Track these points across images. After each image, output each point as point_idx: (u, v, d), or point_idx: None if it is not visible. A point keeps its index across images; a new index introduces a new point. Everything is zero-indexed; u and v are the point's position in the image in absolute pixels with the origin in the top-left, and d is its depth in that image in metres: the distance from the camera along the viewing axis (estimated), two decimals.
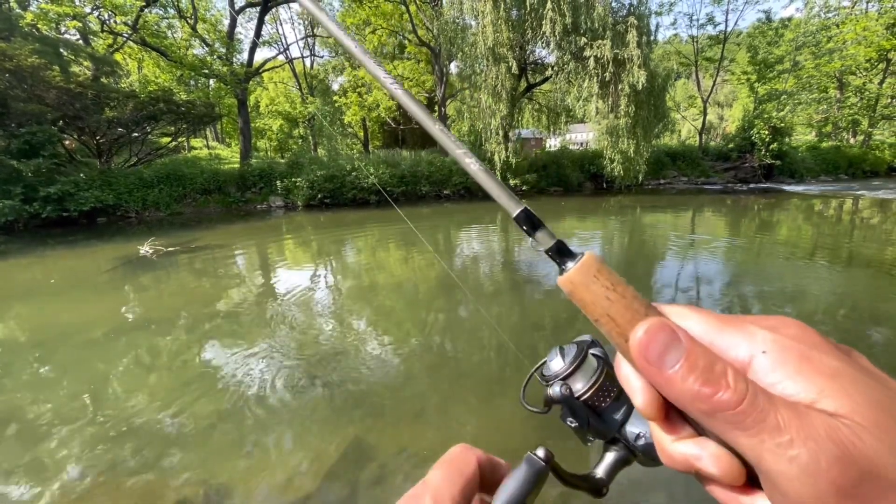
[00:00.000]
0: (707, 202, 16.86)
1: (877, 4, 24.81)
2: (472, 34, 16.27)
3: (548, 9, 14.26)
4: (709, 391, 0.22)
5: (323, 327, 5.19)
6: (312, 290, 6.79)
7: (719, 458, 0.24)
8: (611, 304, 0.27)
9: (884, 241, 9.55)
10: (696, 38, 26.26)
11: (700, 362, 0.23)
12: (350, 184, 16.53)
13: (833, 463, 0.19)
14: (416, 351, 4.51)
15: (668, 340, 0.24)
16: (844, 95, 26.81)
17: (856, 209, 14.75)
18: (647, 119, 16.22)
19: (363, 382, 3.84)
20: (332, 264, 8.92)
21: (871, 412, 0.19)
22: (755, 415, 0.21)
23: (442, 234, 12.16)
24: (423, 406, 3.45)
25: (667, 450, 0.26)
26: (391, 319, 5.47)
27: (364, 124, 38.41)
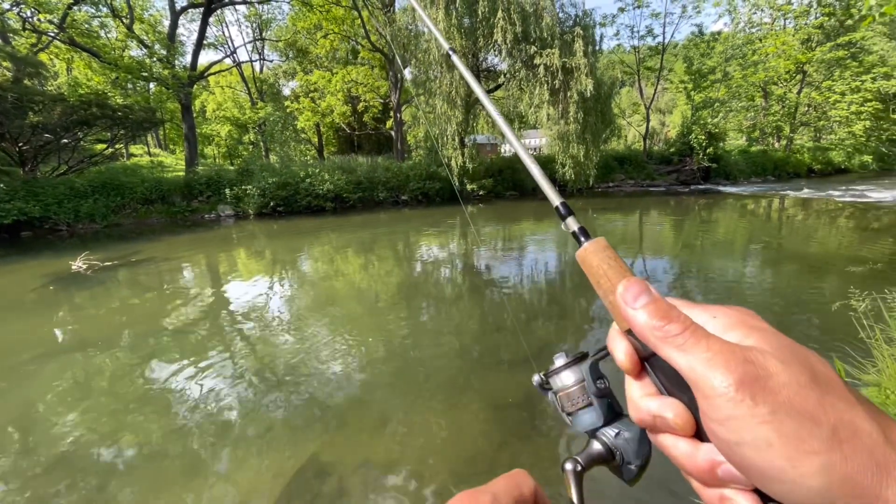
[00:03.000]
0: (653, 203, 17.80)
1: (793, 21, 27.32)
2: (425, 41, 16.37)
3: (499, 18, 14.62)
4: (662, 323, 0.30)
5: (279, 340, 5.02)
6: (268, 302, 6.56)
7: (674, 406, 0.31)
8: (609, 268, 0.36)
9: (806, 237, 10.47)
10: (638, 48, 27.79)
11: (661, 305, 0.31)
12: (304, 191, 16.11)
13: (738, 365, 0.26)
14: (378, 358, 4.45)
15: (643, 289, 0.32)
16: (769, 103, 29.22)
17: (782, 208, 16.05)
18: (596, 125, 16.95)
19: (322, 394, 3.75)
20: (287, 274, 8.64)
21: (776, 346, 0.27)
22: (691, 340, 0.28)
23: (402, 240, 12.09)
24: (386, 415, 3.40)
25: (637, 402, 0.33)
26: (351, 328, 5.36)
27: (318, 130, 37.59)
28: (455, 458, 2.85)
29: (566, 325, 5.53)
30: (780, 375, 0.25)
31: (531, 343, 4.85)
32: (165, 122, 29.51)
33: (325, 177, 16.54)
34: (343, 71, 32.06)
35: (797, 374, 0.26)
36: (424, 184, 18.37)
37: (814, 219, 13.20)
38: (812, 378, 0.26)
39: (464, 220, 15.45)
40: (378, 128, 36.31)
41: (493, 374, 4.07)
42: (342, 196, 16.84)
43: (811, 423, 0.24)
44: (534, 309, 6.07)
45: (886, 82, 25.85)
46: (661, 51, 27.21)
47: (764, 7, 27.62)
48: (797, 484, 0.24)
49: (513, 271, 8.20)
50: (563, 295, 6.97)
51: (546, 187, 0.44)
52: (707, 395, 0.26)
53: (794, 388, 0.25)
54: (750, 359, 0.26)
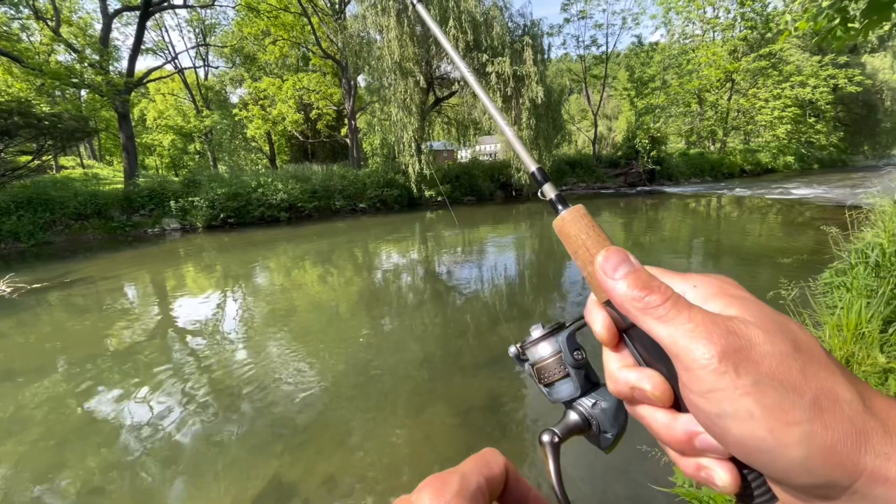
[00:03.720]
0: (604, 205, 18.56)
1: (721, 34, 29.54)
2: (378, 48, 16.33)
3: (450, 26, 14.82)
4: (643, 293, 0.29)
5: (234, 357, 4.80)
6: (221, 318, 6.26)
7: (653, 377, 0.30)
8: (587, 237, 0.34)
9: (742, 232, 11.27)
10: (584, 57, 29.05)
11: (641, 275, 0.30)
12: (257, 201, 15.55)
13: (721, 336, 0.25)
14: (340, 370, 4.34)
15: (623, 258, 0.31)
16: (703, 109, 31.37)
17: (720, 206, 17.21)
18: (547, 131, 17.52)
19: (283, 412, 3.61)
20: (241, 288, 8.27)
21: (758, 316, 0.27)
22: (673, 311, 0.28)
23: (361, 248, 11.92)
24: (349, 429, 3.32)
25: (614, 374, 0.33)
26: (311, 340, 5.22)
27: (269, 138, 36.43)
28: (424, 468, 2.82)
29: (530, 322, 5.60)
30: (763, 345, 0.25)
31: (496, 339, 4.92)
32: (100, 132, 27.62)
33: (279, 186, 16.05)
34: (294, 78, 31.28)
35: (780, 343, 0.25)
36: (382, 191, 18.23)
37: (747, 215, 14.25)
38: (794, 347, 0.25)
39: (423, 225, 15.47)
40: (333, 135, 35.69)
41: (457, 378, 4.06)
42: (297, 205, 16.40)
43: (793, 393, 0.24)
44: (492, 312, 6.11)
45: (802, 90, 28.46)
46: (604, 60, 28.59)
47: (695, 20, 29.72)
48: (778, 454, 0.24)
49: (474, 274, 8.28)
50: (525, 294, 7.10)
51: (522, 152, 0.42)
52: (689, 366, 0.26)
53: (776, 358, 0.25)
54: (732, 329, 0.26)
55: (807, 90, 28.46)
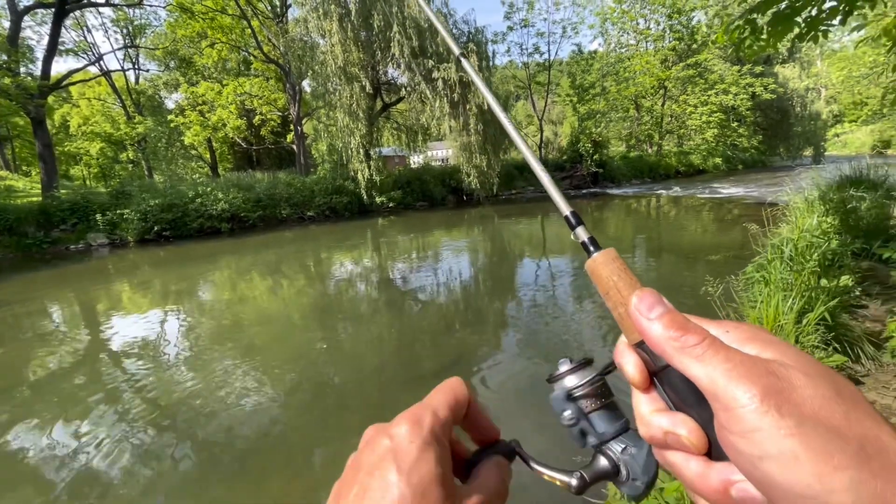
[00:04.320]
0: (551, 208, 18.91)
1: (652, 44, 31.50)
2: (321, 53, 15.97)
3: (394, 32, 14.77)
4: (679, 333, 0.29)
5: (176, 377, 4.50)
6: (160, 339, 5.82)
7: (687, 422, 0.30)
8: (619, 279, 0.35)
9: (680, 231, 11.99)
10: (528, 64, 29.94)
11: (676, 317, 0.30)
12: (195, 212, 14.66)
13: (762, 376, 0.25)
14: (292, 387, 4.15)
15: (657, 299, 0.32)
16: (640, 114, 33.24)
17: (658, 205, 18.24)
18: (496, 136, 17.83)
19: (230, 434, 3.39)
20: (182, 305, 7.76)
21: (797, 360, 0.27)
22: (710, 351, 0.27)
23: (311, 258, 11.55)
24: (295, 450, 3.16)
25: (646, 418, 0.33)
26: (260, 356, 4.97)
27: (210, 145, 34.64)
28: None
29: (490, 327, 5.63)
30: (805, 388, 0.25)
31: (454, 344, 4.87)
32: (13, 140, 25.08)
33: (219, 196, 15.24)
34: (234, 83, 29.97)
35: (822, 386, 0.25)
36: (331, 198, 17.78)
37: (683, 214, 15.19)
38: (837, 392, 0.25)
39: (375, 232, 15.23)
40: (279, 142, 34.50)
41: (416, 389, 3.98)
42: (240, 216, 15.63)
43: (838, 437, 0.23)
44: (450, 318, 6.10)
45: (725, 97, 30.88)
46: (547, 67, 29.61)
47: (629, 31, 31.50)
48: (824, 501, 0.22)
49: (430, 280, 8.23)
50: (481, 297, 7.14)
51: (556, 196, 0.43)
52: (729, 406, 0.25)
53: (819, 401, 0.24)
54: (772, 370, 0.25)
55: (729, 97, 30.92)
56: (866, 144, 42.15)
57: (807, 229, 3.65)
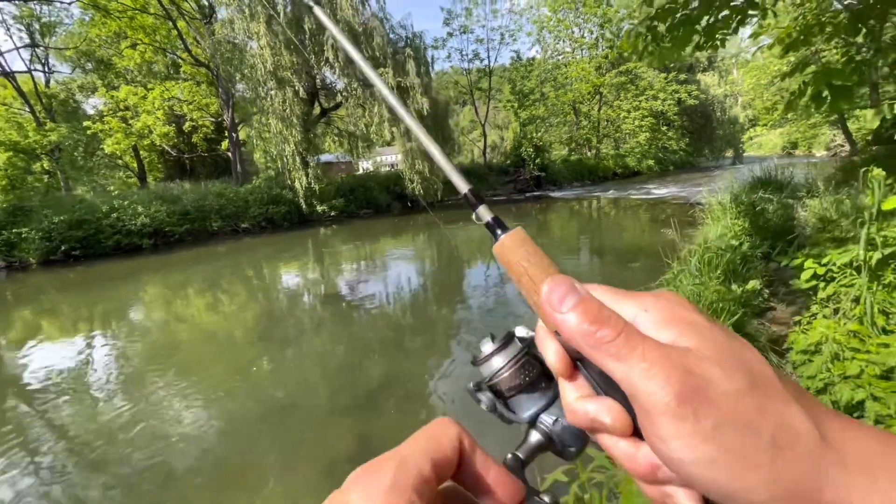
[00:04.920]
0: (497, 211, 18.88)
1: (587, 51, 32.89)
2: (250, 56, 15.15)
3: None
4: (594, 328, 0.27)
5: (104, 407, 4.13)
6: (79, 367, 5.28)
7: (612, 408, 0.29)
8: (530, 265, 0.33)
9: (616, 231, 12.42)
10: (469, 70, 30.24)
11: (591, 306, 0.28)
12: (110, 228, 13.36)
13: (679, 377, 0.24)
14: (231, 411, 3.88)
15: (568, 288, 0.29)
16: (579, 119, 34.56)
17: (598, 207, 18.92)
18: (437, 142, 17.64)
19: (168, 465, 3.14)
20: (96, 331, 7.03)
21: (714, 348, 0.26)
22: (626, 347, 0.26)
23: (247, 272, 10.91)
24: (248, 472, 2.98)
25: (572, 405, 0.31)
26: (193, 382, 4.62)
27: (137, 154, 32.06)
28: None
29: (441, 335, 5.58)
30: (721, 384, 0.24)
31: (403, 355, 4.72)
32: None
33: (139, 209, 14.00)
34: (161, 87, 27.98)
35: (737, 380, 0.25)
36: (267, 208, 16.89)
37: (620, 215, 15.82)
38: (751, 382, 0.25)
39: (316, 243, 14.63)
40: (214, 149, 32.58)
41: (365, 407, 3.79)
42: (164, 230, 14.44)
43: (753, 434, 0.23)
44: (397, 329, 5.98)
45: (655, 102, 32.79)
46: (488, 73, 30.05)
47: (564, 39, 32.69)
48: (741, 497, 0.23)
49: (377, 290, 8.04)
50: (429, 305, 7.07)
51: (451, 172, 0.40)
52: (647, 409, 0.25)
53: (734, 397, 0.24)
54: (689, 367, 0.25)
55: (658, 102, 32.91)
56: (777, 146, 46.35)
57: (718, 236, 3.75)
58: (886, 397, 1.54)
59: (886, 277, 2.00)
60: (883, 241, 2.02)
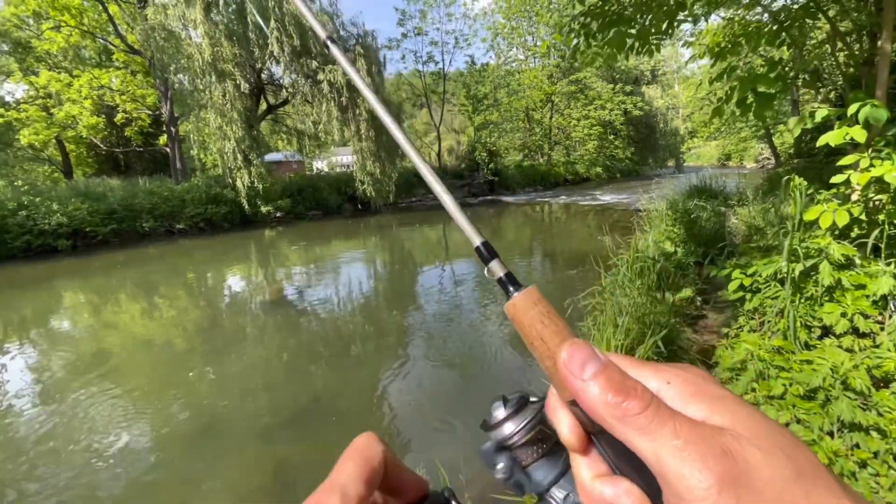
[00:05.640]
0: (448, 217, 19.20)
1: (539, 60, 33.69)
2: (186, 45, 14.14)
3: (272, 27, 13.60)
4: (619, 399, 0.25)
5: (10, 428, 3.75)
6: None
7: (631, 492, 0.27)
8: (544, 327, 0.31)
9: (567, 234, 12.65)
10: (423, 73, 30.08)
11: (614, 374, 0.27)
12: (18, 227, 11.95)
13: (717, 459, 0.22)
14: (153, 428, 3.66)
15: (588, 355, 0.28)
16: (531, 126, 35.32)
17: (551, 211, 19.31)
18: (389, 143, 17.36)
19: (92, 486, 2.92)
20: (6, 342, 6.24)
21: (749, 425, 0.24)
22: (656, 421, 0.24)
23: (179, 277, 10.11)
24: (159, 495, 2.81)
25: (586, 485, 0.29)
26: (114, 395, 4.31)
27: (62, 147, 29.25)
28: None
29: (392, 339, 5.49)
30: (763, 469, 0.22)
31: (352, 362, 4.58)
32: None
33: (54, 207, 12.65)
34: (90, 75, 25.71)
35: (781, 466, 0.22)
36: (206, 208, 15.82)
37: (570, 219, 16.20)
38: (796, 470, 0.22)
39: (260, 245, 13.85)
40: (151, 144, 30.38)
41: (310, 419, 3.70)
42: (85, 230, 13.14)
43: None
44: (353, 331, 5.85)
45: (603, 111, 34.10)
46: (442, 76, 30.04)
47: (518, 46, 33.34)
48: None
49: (325, 294, 7.78)
50: (381, 310, 6.88)
51: (465, 224, 0.38)
52: (681, 495, 0.22)
53: (779, 485, 0.22)
54: (728, 449, 0.23)
55: (606, 112, 34.23)
56: (713, 157, 49.73)
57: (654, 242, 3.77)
58: (810, 419, 1.46)
59: (808, 290, 1.98)
60: (805, 252, 2.01)
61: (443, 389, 4.08)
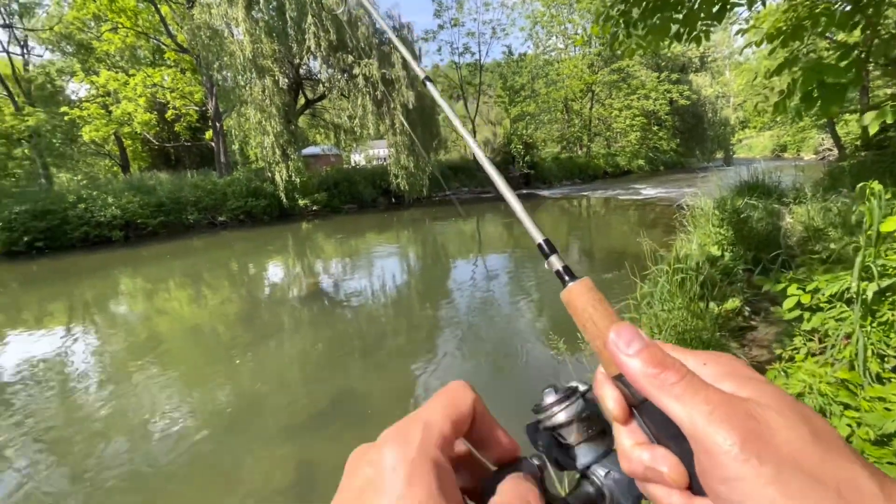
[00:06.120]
0: (486, 209, 19.05)
1: (580, 48, 32.52)
2: (229, 43, 14.57)
3: (309, 23, 13.76)
4: (658, 370, 0.29)
5: (73, 404, 4.15)
6: (47, 364, 5.17)
7: (668, 458, 0.30)
8: (595, 311, 0.34)
9: (605, 232, 12.20)
10: (459, 64, 29.73)
11: (655, 351, 0.30)
12: (77, 219, 12.78)
13: (742, 421, 0.25)
14: (215, 407, 3.88)
15: (634, 334, 0.31)
16: (570, 117, 34.27)
17: (588, 205, 18.71)
18: (424, 137, 17.30)
19: (125, 458, 3.20)
20: (69, 326, 6.78)
21: (773, 398, 0.27)
22: (690, 390, 0.27)
23: (223, 267, 10.58)
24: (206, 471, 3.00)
25: (627, 453, 0.32)
26: (169, 376, 4.63)
27: (120, 142, 31.11)
28: None
29: (426, 331, 5.56)
30: (783, 431, 0.25)
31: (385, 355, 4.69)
32: None
33: (109, 200, 13.44)
34: (143, 73, 27.13)
35: (799, 429, 0.25)
36: (246, 201, 16.37)
37: (608, 215, 15.62)
38: (813, 433, 0.25)
39: (297, 238, 14.20)
40: (199, 139, 31.81)
41: (350, 402, 3.84)
42: (136, 222, 13.89)
43: (816, 482, 0.23)
44: (390, 321, 5.97)
45: (646, 101, 32.56)
46: (478, 67, 29.58)
47: (558, 34, 32.30)
48: None
49: (360, 287, 7.92)
50: (416, 304, 6.95)
51: (529, 224, 0.44)
52: (710, 451, 0.25)
53: (796, 445, 0.24)
54: (752, 413, 0.26)
55: (650, 102, 32.65)
56: (767, 148, 46.59)
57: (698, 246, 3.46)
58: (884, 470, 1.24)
59: (883, 313, 1.71)
60: (881, 270, 1.73)
61: (477, 383, 4.03)
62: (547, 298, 6.24)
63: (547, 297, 6.29)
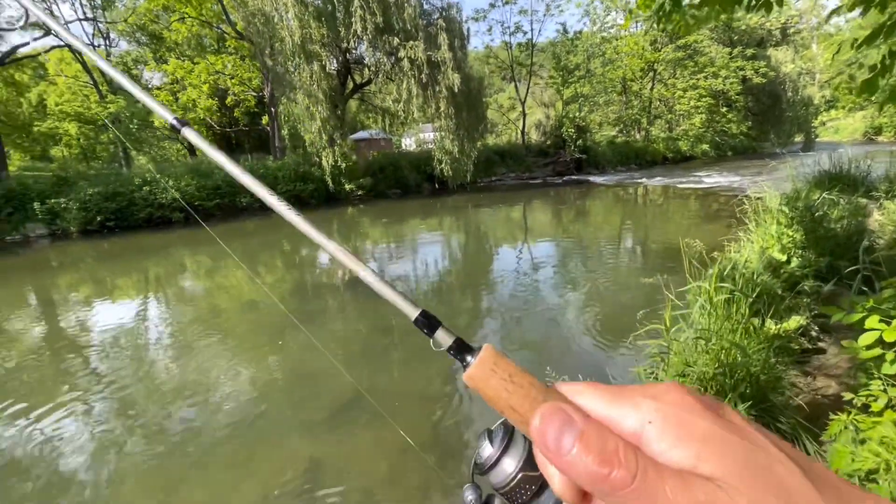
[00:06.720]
0: (533, 196, 18.45)
1: (642, 24, 30.24)
2: (280, 29, 14.83)
3: (356, 6, 13.67)
4: (605, 471, 0.23)
5: (143, 367, 4.58)
6: (119, 332, 5.70)
7: None
8: (510, 395, 0.29)
9: (660, 225, 11.38)
10: (510, 45, 28.65)
11: (594, 441, 0.25)
12: (142, 201, 13.71)
13: None
14: (279, 380, 4.18)
15: (562, 424, 0.25)
16: (628, 98, 32.19)
17: (645, 194, 17.59)
18: (469, 121, 16.87)
19: (190, 419, 3.52)
20: (139, 298, 7.49)
21: (739, 472, 0.22)
22: (647, 490, 0.23)
23: (275, 249, 11.03)
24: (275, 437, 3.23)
25: None
26: (228, 347, 5.00)
27: None
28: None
29: (471, 321, 5.55)
30: None
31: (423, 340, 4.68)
32: None
33: (170, 183, 14.28)
34: (205, 61, 28.57)
35: None
36: (295, 185, 16.84)
37: (665, 206, 14.57)
38: None
39: (342, 223, 14.45)
40: (256, 123, 33.25)
41: (401, 376, 4.03)
42: (194, 204, 14.70)
43: None
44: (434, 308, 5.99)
45: (715, 80, 29.86)
46: (531, 47, 28.37)
47: (618, 9, 30.18)
48: None
49: (404, 271, 8.09)
50: (458, 291, 7.06)
51: (394, 297, 0.37)
52: None
53: None
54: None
55: (719, 81, 29.90)
56: (858, 131, 41.56)
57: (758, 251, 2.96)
58: None
59: None
60: None
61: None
62: (595, 291, 6.12)
63: (595, 290, 6.16)
